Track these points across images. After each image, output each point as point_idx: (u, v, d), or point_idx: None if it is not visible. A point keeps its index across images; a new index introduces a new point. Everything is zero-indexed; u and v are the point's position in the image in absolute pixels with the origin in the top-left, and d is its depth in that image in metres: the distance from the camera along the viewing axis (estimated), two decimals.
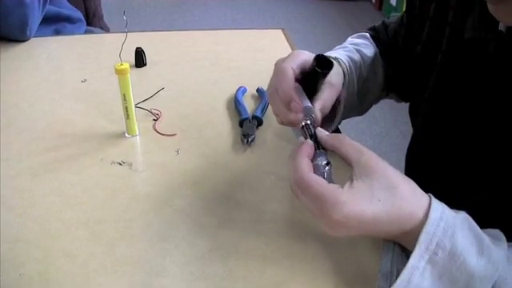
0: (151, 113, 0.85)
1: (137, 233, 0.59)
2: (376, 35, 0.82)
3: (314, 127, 0.55)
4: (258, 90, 0.92)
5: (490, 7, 0.49)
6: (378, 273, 0.49)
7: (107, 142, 0.77)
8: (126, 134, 0.79)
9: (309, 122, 0.56)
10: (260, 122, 0.81)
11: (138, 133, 0.79)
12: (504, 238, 0.48)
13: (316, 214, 0.47)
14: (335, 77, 0.64)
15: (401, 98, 0.86)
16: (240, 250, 0.56)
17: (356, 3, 4.32)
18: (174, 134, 0.79)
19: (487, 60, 0.58)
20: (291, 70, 0.59)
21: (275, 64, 0.63)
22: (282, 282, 0.52)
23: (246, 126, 0.79)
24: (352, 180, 0.47)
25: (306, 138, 0.53)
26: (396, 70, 0.79)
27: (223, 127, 0.82)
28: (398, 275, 0.45)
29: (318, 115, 0.58)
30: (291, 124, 0.60)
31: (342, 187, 0.46)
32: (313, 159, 0.51)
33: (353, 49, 0.77)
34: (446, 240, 0.44)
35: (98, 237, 0.58)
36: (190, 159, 0.73)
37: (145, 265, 0.54)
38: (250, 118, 0.81)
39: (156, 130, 0.80)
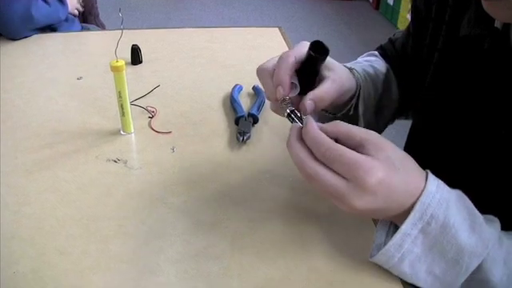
0: (147, 110, 0.85)
1: (131, 230, 0.59)
2: (384, 53, 0.81)
3: (299, 112, 0.55)
4: (254, 88, 0.92)
5: (484, 4, 0.49)
6: (372, 243, 0.51)
7: (102, 140, 0.77)
8: (122, 132, 0.78)
9: (293, 108, 0.55)
10: (256, 120, 0.81)
11: (133, 130, 0.79)
12: (498, 221, 0.50)
13: (343, 190, 0.46)
14: (341, 77, 0.61)
15: None
16: (235, 247, 0.56)
17: (353, 2, 4.32)
18: (170, 132, 0.79)
19: (482, 57, 0.58)
20: (293, 57, 0.57)
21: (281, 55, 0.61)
22: (276, 279, 0.52)
23: (242, 123, 0.79)
24: (370, 154, 0.47)
25: None
26: (408, 84, 0.77)
27: (219, 125, 0.82)
28: None
29: (306, 103, 0.56)
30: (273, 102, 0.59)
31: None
32: None
33: (367, 64, 0.76)
34: (439, 212, 0.46)
35: (93, 234, 0.58)
36: (186, 157, 0.73)
37: (139, 262, 0.54)
38: (246, 115, 0.81)
39: (151, 128, 0.80)
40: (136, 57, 1.04)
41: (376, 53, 0.82)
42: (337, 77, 0.59)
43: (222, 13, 4.12)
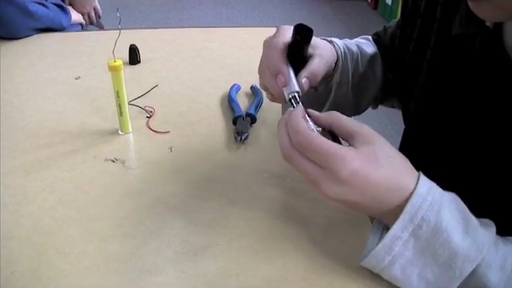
0: (145, 110, 0.85)
1: (129, 230, 0.59)
2: (378, 39, 0.82)
3: (300, 98, 0.56)
4: (252, 88, 0.92)
5: (470, 4, 0.48)
6: (365, 249, 0.50)
7: (100, 140, 0.77)
8: (120, 131, 0.79)
9: (296, 94, 0.56)
10: (254, 120, 0.81)
11: (131, 130, 0.79)
12: (494, 225, 0.49)
13: (317, 177, 0.47)
14: (326, 51, 0.64)
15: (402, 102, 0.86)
16: (232, 247, 0.56)
17: (352, 2, 4.32)
18: (168, 132, 0.79)
19: (474, 56, 0.58)
20: (281, 44, 0.59)
21: (264, 41, 0.63)
22: (274, 279, 0.52)
23: (240, 123, 0.79)
24: (355, 146, 0.47)
25: None
26: (395, 74, 0.78)
27: (217, 125, 0.82)
28: None
29: (301, 82, 0.59)
30: (280, 98, 0.61)
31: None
32: None
33: (352, 42, 0.77)
34: (431, 215, 0.45)
35: (91, 234, 0.58)
36: (183, 157, 0.73)
37: (137, 262, 0.54)
38: (244, 115, 0.81)
39: (149, 128, 0.80)
40: (134, 57, 1.04)
41: (369, 37, 0.83)
42: (323, 52, 0.63)
43: (221, 12, 4.12)
